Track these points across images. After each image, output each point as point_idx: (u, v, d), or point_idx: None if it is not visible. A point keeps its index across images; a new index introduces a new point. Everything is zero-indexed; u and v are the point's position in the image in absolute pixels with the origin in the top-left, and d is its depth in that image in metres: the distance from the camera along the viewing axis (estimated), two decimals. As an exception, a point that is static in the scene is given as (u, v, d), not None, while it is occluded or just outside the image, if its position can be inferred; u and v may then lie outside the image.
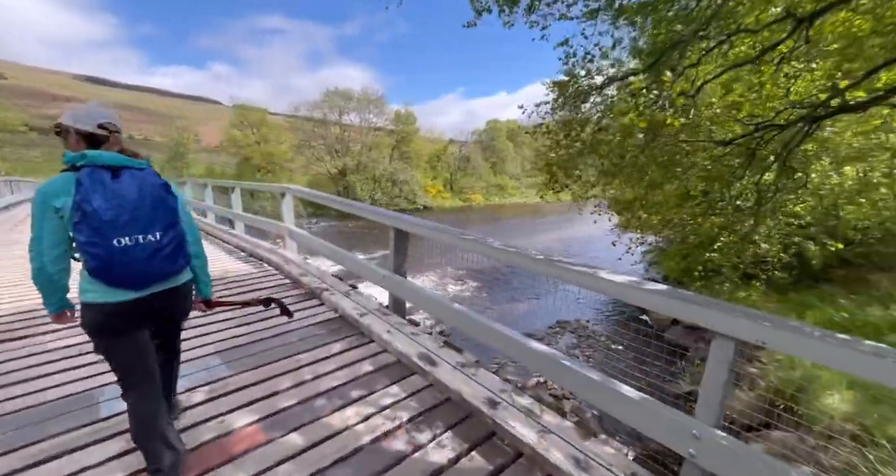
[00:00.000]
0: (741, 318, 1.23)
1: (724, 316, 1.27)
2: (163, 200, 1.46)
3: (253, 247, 5.28)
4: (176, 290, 1.57)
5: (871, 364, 0.99)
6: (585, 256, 15.65)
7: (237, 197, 6.38)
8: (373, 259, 14.92)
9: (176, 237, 1.48)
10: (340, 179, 36.64)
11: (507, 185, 57.59)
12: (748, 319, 1.22)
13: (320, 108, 38.67)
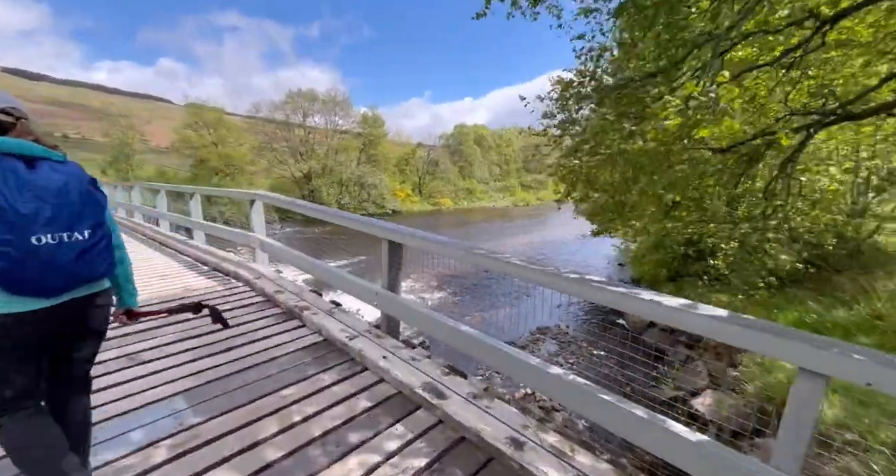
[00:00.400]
0: (837, 354, 1.08)
1: (814, 350, 1.11)
2: (91, 195, 1.29)
3: (218, 260, 4.75)
4: (94, 298, 1.34)
5: None
6: (559, 260, 15.92)
7: (197, 204, 5.79)
8: (345, 267, 14.32)
9: (105, 236, 1.32)
10: (306, 183, 35.33)
11: (475, 190, 58.08)
12: (846, 354, 1.06)
13: (283, 109, 37.23)
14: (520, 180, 70.68)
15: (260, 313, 3.37)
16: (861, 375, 1.03)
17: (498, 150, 70.54)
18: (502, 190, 64.73)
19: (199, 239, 5.84)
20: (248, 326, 3.10)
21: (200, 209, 5.89)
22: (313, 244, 21.06)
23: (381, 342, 2.75)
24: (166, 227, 7.18)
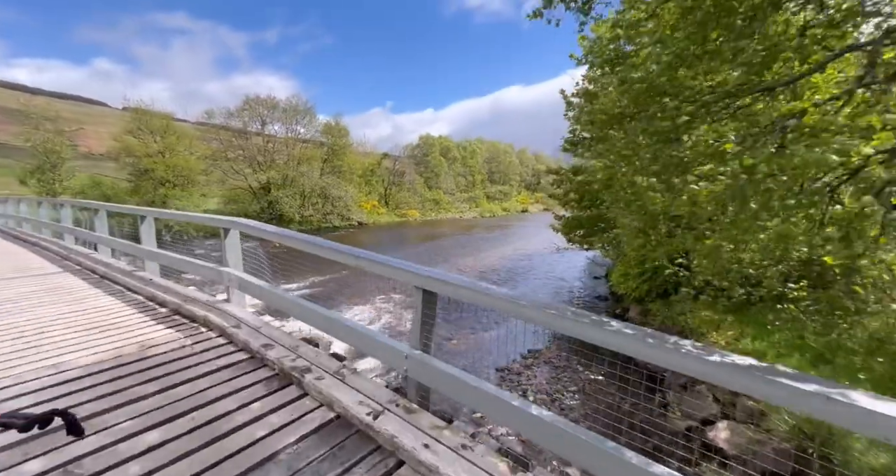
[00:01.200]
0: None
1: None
2: None
3: (180, 300, 3.91)
4: None
5: None
6: (540, 273, 15.79)
7: (150, 229, 4.87)
8: (308, 287, 13.26)
9: None
10: (264, 195, 33.33)
11: (442, 201, 57.98)
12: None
13: (240, 116, 35.17)
14: (485, 191, 71.63)
15: (244, 378, 2.67)
16: None
17: (463, 161, 71.24)
18: (468, 201, 65.18)
19: (151, 271, 4.90)
20: (228, 400, 2.40)
21: (154, 234, 4.97)
22: (270, 261, 19.60)
23: (416, 420, 2.18)
24: (107, 255, 6.08)
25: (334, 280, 14.67)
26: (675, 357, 1.52)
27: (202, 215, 3.91)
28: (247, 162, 33.71)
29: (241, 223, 3.59)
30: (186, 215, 4.35)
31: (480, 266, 17.86)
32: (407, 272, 2.31)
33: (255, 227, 3.50)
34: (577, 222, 12.32)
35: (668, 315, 7.65)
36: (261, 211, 32.35)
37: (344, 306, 11.55)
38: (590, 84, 12.11)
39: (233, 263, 3.71)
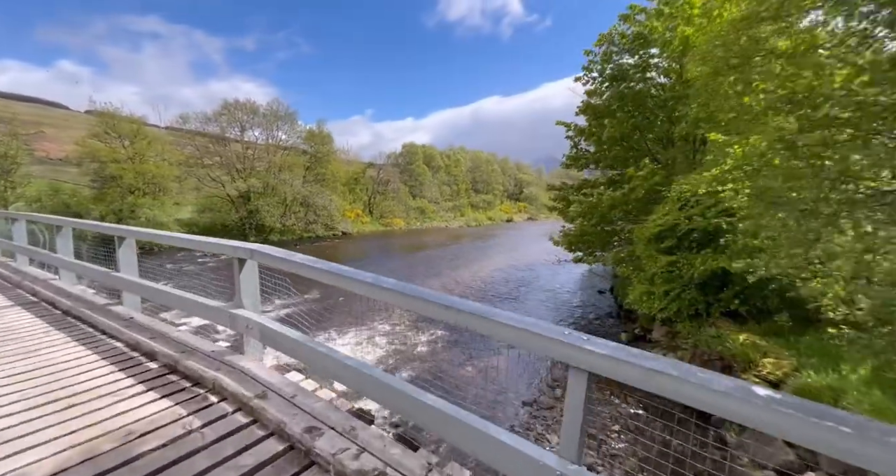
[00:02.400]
0: None
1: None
2: None
3: (176, 351, 3.00)
4: None
5: None
6: (545, 286, 15.15)
7: (131, 251, 3.93)
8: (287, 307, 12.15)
9: None
10: (244, 204, 31.67)
11: (427, 209, 57.25)
12: None
13: (217, 121, 33.55)
14: (469, 200, 71.43)
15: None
16: None
17: (447, 170, 70.92)
18: (453, 210, 64.70)
19: (131, 306, 3.95)
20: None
21: (135, 259, 4.03)
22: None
23: None
24: (70, 281, 5.02)
25: (329, 304, 13.63)
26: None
27: (216, 241, 3.03)
28: (224, 169, 32.04)
29: (262, 252, 2.76)
30: (187, 239, 3.40)
31: (477, 279, 17.18)
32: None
33: (282, 258, 2.68)
34: (584, 237, 11.86)
35: (702, 338, 7.16)
36: (240, 221, 30.67)
37: (334, 329, 10.57)
38: (593, 98, 11.82)
39: (250, 304, 2.87)
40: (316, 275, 2.46)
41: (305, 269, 2.58)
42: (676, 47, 9.44)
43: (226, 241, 3.04)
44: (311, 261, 2.60)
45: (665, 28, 9.27)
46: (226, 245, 2.88)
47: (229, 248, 2.85)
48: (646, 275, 9.45)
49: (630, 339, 9.10)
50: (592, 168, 12.90)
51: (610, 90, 10.97)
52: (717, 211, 6.56)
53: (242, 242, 2.95)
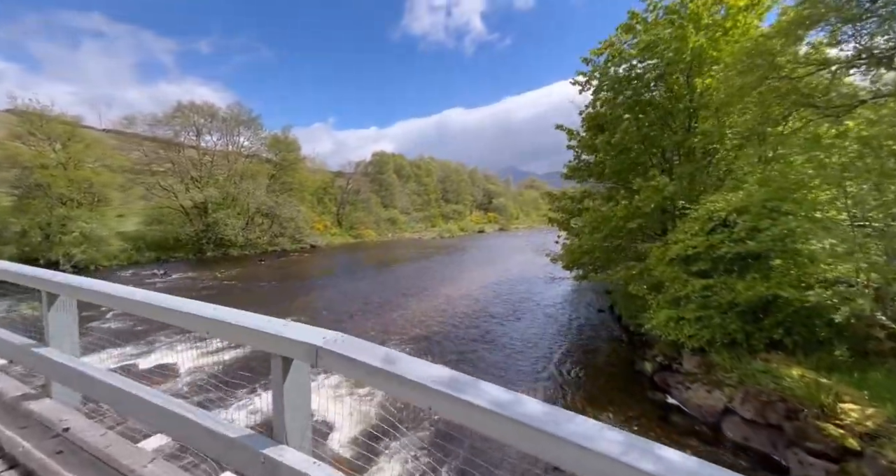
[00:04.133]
0: None
1: None
2: None
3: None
4: None
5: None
6: (539, 301, 14.09)
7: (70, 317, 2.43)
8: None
9: None
10: (200, 215, 28.76)
11: (398, 220, 55.64)
12: None
13: (170, 124, 30.57)
14: (440, 210, 70.57)
15: None
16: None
17: (418, 179, 69.80)
18: (424, 220, 63.51)
19: (65, 401, 2.43)
20: None
21: (75, 327, 2.50)
22: (215, 297, 16.10)
23: None
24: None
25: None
26: None
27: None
28: (178, 177, 29.04)
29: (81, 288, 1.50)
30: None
31: (469, 297, 16.04)
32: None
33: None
34: (589, 253, 11.11)
35: (748, 373, 6.44)
36: (196, 234, 27.73)
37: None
38: (598, 106, 11.26)
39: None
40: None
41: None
42: (684, 59, 8.99)
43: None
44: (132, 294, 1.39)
45: (674, 38, 8.79)
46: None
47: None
48: (666, 297, 8.74)
49: (655, 370, 8.31)
50: (593, 181, 12.28)
51: (613, 98, 10.39)
52: (774, 234, 5.89)
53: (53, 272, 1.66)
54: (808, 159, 6.20)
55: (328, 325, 6.23)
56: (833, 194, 6.11)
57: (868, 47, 5.78)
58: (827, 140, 6.00)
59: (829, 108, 6.31)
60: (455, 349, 10.02)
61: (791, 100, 6.55)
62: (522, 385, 8.03)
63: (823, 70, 6.04)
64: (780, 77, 6.51)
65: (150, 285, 18.50)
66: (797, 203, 5.99)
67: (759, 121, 7.26)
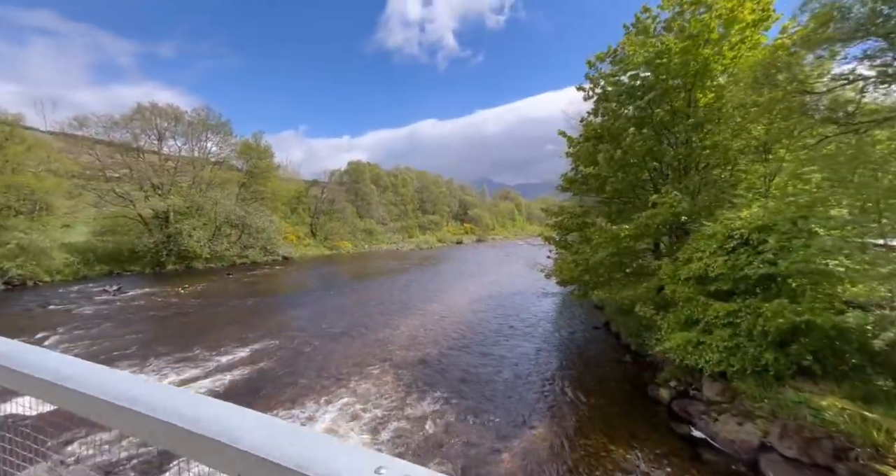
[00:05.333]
0: None
1: None
2: None
3: None
4: None
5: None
6: (523, 317, 13.38)
7: None
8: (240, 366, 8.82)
9: None
10: (161, 225, 26.49)
11: (375, 231, 54.23)
12: None
13: (127, 127, 28.28)
14: (417, 221, 69.67)
15: None
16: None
17: (394, 189, 68.75)
18: (401, 231, 62.35)
19: None
20: None
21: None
22: (178, 316, 14.46)
23: None
24: None
25: (273, 351, 10.61)
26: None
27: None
28: (136, 184, 26.72)
29: None
30: None
31: (458, 314, 15.22)
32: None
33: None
34: (594, 270, 10.64)
35: (782, 404, 6.01)
36: (156, 246, 25.43)
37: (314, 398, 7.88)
38: (597, 116, 10.99)
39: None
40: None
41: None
42: (690, 72, 8.83)
43: None
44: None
45: (681, 51, 8.59)
46: None
47: None
48: (678, 317, 8.33)
49: (672, 397, 7.81)
50: (593, 195, 11.93)
51: (616, 109, 10.10)
52: (807, 254, 5.52)
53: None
54: (833, 174, 5.95)
55: (304, 348, 4.96)
56: (856, 211, 5.85)
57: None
58: (845, 155, 5.79)
59: (851, 125, 6.13)
60: (451, 375, 9.16)
61: (812, 115, 6.34)
62: (534, 418, 7.28)
63: (849, 85, 5.85)
64: (803, 92, 6.30)
65: (99, 303, 16.47)
66: (823, 220, 5.68)
67: (777, 136, 7.05)
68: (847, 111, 6.12)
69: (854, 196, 5.67)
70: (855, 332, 5.95)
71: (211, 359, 10.04)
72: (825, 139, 6.60)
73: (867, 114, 6.01)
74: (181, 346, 11.00)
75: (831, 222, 5.58)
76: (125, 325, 13.24)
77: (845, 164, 5.67)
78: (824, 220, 5.63)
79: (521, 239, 78.08)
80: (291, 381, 8.85)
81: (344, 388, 8.44)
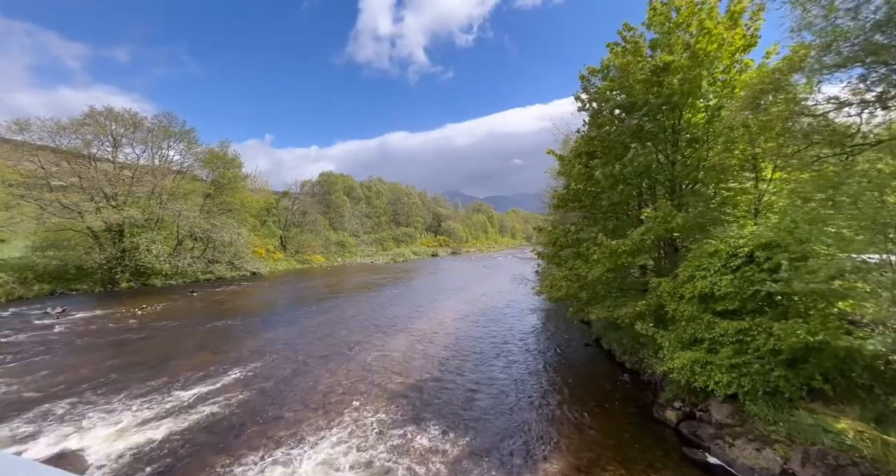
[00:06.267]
0: None
1: None
2: None
3: None
4: None
5: None
6: (510, 333, 12.97)
7: None
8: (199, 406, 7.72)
9: None
10: (114, 240, 24.26)
11: (348, 243, 52.71)
12: None
13: (78, 132, 26.03)
14: (391, 233, 68.60)
15: None
16: None
17: (368, 201, 67.60)
18: (374, 243, 61.07)
19: None
20: None
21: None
22: (134, 342, 12.99)
23: None
24: None
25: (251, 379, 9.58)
26: None
27: None
28: (87, 194, 24.44)
29: None
30: None
31: (439, 332, 14.65)
32: None
33: None
34: (587, 287, 10.51)
35: (798, 427, 5.93)
36: (108, 261, 23.17)
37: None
38: (594, 129, 11.02)
39: None
40: None
41: None
42: (684, 90, 9.01)
43: None
44: None
45: (679, 69, 8.75)
46: None
47: None
48: (679, 336, 8.25)
49: (679, 419, 7.63)
50: (585, 211, 11.89)
51: (610, 124, 10.13)
52: (828, 273, 5.53)
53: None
54: (835, 193, 6.06)
55: (285, 375, 4.11)
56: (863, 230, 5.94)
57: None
58: (848, 175, 5.92)
59: (847, 147, 6.33)
60: (451, 404, 8.59)
61: (810, 137, 6.51)
62: (546, 450, 6.83)
63: (851, 108, 6.04)
64: (804, 114, 6.46)
65: (39, 328, 14.56)
66: (837, 239, 5.74)
67: (771, 155, 7.21)
68: (844, 133, 6.31)
69: (857, 217, 5.75)
70: (865, 352, 6.00)
71: (178, 392, 8.92)
72: (819, 159, 6.79)
73: (864, 136, 6.22)
74: (141, 378, 9.75)
75: (844, 243, 5.62)
76: (71, 355, 11.68)
77: (852, 185, 5.76)
78: (838, 239, 5.68)
79: (496, 252, 78.89)
80: (276, 415, 7.96)
81: (336, 423, 7.66)
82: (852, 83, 5.91)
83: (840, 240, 5.82)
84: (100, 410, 8.05)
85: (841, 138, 6.24)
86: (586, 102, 10.65)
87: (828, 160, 6.58)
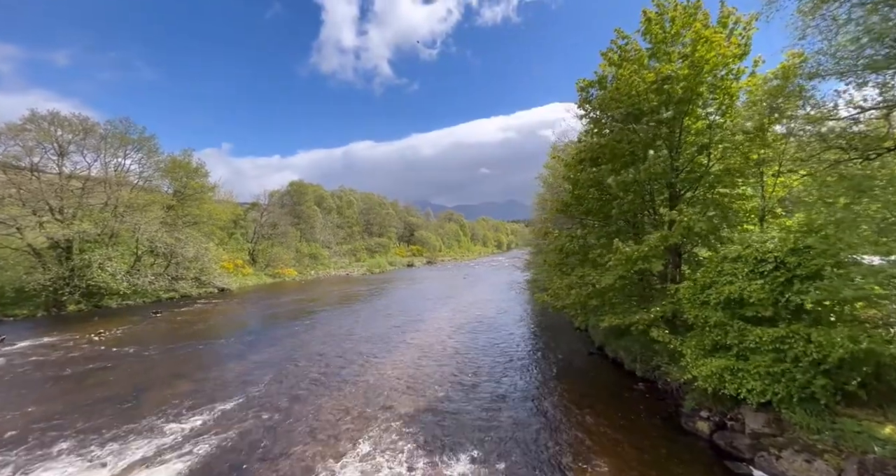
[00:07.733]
0: None
1: None
2: None
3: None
4: None
5: None
6: (507, 346, 12.52)
7: None
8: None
9: None
10: (61, 258, 21.68)
11: (321, 255, 50.67)
12: None
13: (18, 139, 23.36)
14: (365, 243, 66.89)
15: None
16: None
17: (339, 211, 65.71)
18: (348, 254, 59.20)
19: None
20: None
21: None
22: (97, 386, 11.38)
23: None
24: None
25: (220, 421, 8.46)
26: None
27: None
28: (29, 208, 21.79)
29: None
30: None
31: (435, 346, 13.98)
32: None
33: None
34: (599, 294, 10.29)
35: (845, 435, 5.83)
36: (53, 282, 20.60)
37: None
38: (597, 136, 10.98)
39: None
40: None
41: None
42: (685, 98, 9.12)
43: None
44: None
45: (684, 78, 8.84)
46: None
47: None
48: (702, 343, 8.13)
49: (712, 430, 7.44)
50: (591, 218, 11.78)
51: (620, 131, 10.07)
52: (877, 280, 5.53)
53: None
54: (862, 197, 6.14)
55: (282, 403, 3.22)
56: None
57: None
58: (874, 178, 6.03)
59: (861, 151, 6.48)
60: (469, 425, 7.96)
61: (830, 141, 6.63)
62: (585, 465, 6.38)
63: (858, 113, 6.20)
64: (820, 119, 6.58)
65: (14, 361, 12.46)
66: (874, 246, 5.78)
67: (789, 159, 7.33)
68: (864, 137, 6.45)
69: (887, 220, 5.83)
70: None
71: (155, 433, 7.70)
72: (838, 163, 6.93)
73: (873, 140, 6.38)
74: (112, 416, 8.40)
75: (877, 246, 5.65)
76: (14, 391, 9.98)
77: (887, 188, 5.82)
78: (871, 243, 5.70)
79: (471, 260, 78.95)
80: (282, 450, 7.00)
81: (350, 453, 6.84)
82: (879, 86, 6.05)
83: (873, 243, 5.87)
84: (62, 462, 6.73)
85: (865, 141, 6.36)
86: (588, 112, 10.61)
87: (849, 164, 6.71)
